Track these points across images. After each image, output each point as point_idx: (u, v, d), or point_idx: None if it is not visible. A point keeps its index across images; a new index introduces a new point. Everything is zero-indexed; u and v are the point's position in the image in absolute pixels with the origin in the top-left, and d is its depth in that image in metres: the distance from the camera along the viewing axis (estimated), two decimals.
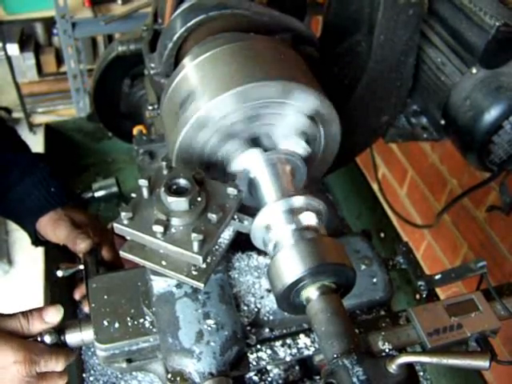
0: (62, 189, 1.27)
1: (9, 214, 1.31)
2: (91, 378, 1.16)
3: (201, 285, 0.79)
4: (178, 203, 0.77)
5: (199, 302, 0.87)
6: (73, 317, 0.94)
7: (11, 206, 1.25)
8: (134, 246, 0.80)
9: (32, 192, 1.24)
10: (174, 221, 0.77)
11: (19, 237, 3.27)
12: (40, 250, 1.48)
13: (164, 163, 0.81)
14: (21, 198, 1.24)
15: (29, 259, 3.10)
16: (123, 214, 0.76)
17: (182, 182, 0.79)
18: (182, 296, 0.87)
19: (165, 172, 0.82)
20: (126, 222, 0.77)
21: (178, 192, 0.78)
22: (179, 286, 0.88)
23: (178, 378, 0.82)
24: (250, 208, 0.92)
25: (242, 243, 1.03)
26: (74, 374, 1.21)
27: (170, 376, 0.82)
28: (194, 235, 0.74)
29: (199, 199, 0.79)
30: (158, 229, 0.75)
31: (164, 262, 0.80)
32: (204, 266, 0.79)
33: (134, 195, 0.80)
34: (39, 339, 0.87)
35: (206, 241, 0.75)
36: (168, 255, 0.79)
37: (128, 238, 0.80)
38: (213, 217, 0.77)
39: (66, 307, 0.91)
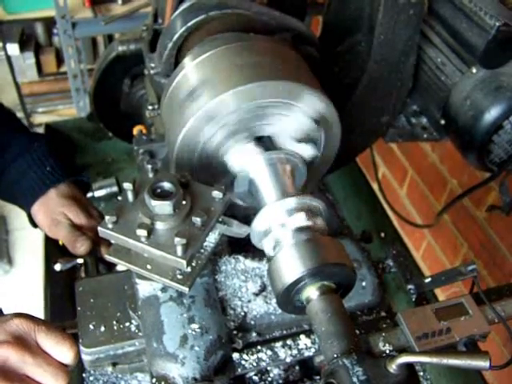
0: (57, 168, 1.23)
1: (4, 195, 1.28)
2: (91, 378, 1.16)
3: (185, 289, 0.78)
4: (162, 207, 0.76)
5: (184, 306, 0.87)
6: (73, 316, 0.93)
7: (6, 187, 1.23)
8: (120, 249, 0.79)
9: (27, 173, 1.20)
10: (158, 224, 0.76)
11: (19, 237, 3.28)
12: (40, 250, 1.48)
13: (149, 166, 0.81)
14: (15, 178, 1.21)
15: (29, 259, 3.10)
16: (107, 217, 0.76)
17: (167, 185, 0.78)
18: (167, 300, 0.87)
19: (150, 175, 0.81)
20: (110, 225, 0.76)
21: (163, 195, 0.77)
22: (164, 289, 0.88)
23: (163, 383, 0.82)
24: (250, 208, 0.92)
25: (231, 245, 1.03)
26: (73, 374, 1.20)
27: (154, 381, 0.83)
28: (177, 239, 0.73)
29: (184, 203, 0.78)
30: (142, 233, 0.74)
31: (149, 266, 0.79)
32: (189, 269, 0.78)
33: (120, 198, 0.79)
34: None
35: (189, 245, 0.75)
36: (153, 259, 0.78)
37: (112, 241, 0.79)
38: (197, 220, 0.76)
39: (67, 307, 0.91)
